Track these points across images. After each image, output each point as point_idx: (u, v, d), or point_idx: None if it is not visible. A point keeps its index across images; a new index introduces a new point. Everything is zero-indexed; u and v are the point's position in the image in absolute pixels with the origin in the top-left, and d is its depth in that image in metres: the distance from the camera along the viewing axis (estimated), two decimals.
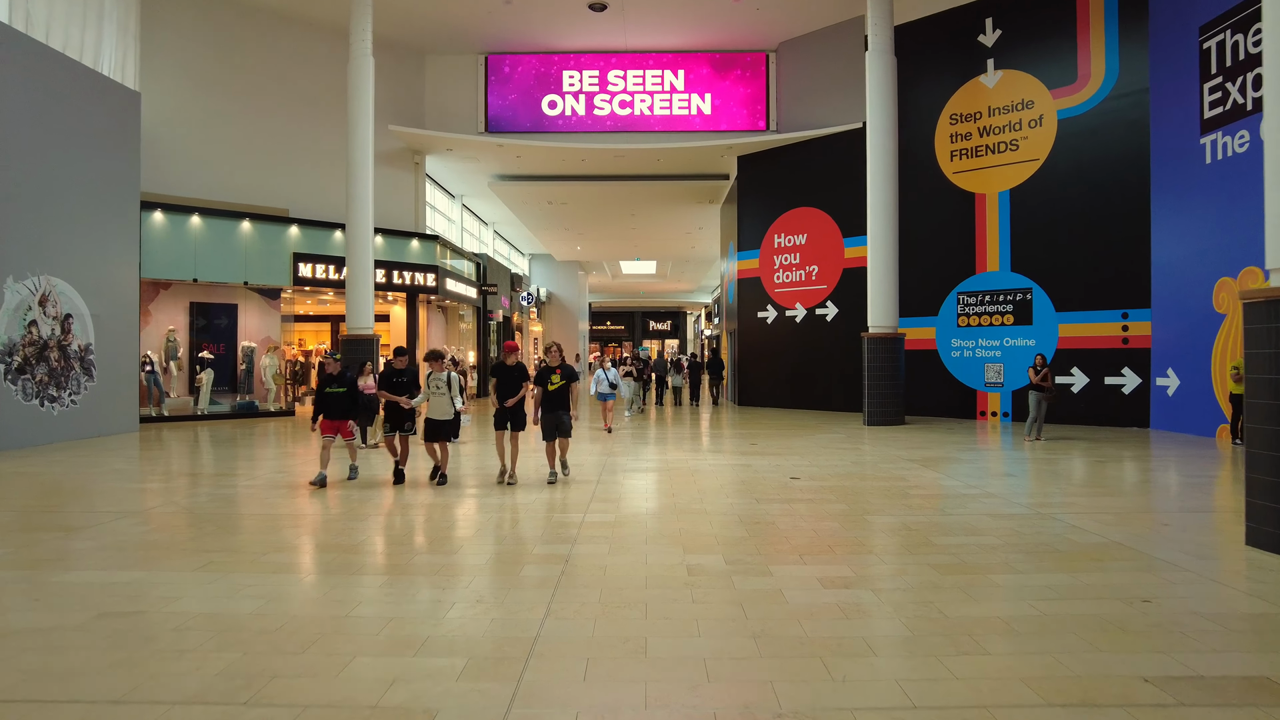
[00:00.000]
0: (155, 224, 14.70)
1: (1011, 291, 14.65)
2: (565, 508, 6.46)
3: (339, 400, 7.74)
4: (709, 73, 18.82)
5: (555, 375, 7.47)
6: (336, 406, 7.75)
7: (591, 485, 7.61)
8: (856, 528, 5.65)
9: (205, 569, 4.56)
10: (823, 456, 9.61)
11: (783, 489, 7.31)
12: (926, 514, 6.13)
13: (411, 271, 18.21)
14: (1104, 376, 13.58)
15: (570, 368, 7.57)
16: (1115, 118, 13.46)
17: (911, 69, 15.05)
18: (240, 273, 15.90)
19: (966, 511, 6.22)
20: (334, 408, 7.75)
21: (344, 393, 7.75)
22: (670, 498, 6.85)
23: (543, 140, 18.53)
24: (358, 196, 14.39)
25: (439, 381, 7.44)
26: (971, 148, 15.19)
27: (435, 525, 5.84)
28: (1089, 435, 12.11)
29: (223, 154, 16.22)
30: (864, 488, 7.37)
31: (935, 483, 7.67)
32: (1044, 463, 9.17)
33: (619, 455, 9.96)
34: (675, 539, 5.30)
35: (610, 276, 42.62)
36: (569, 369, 7.54)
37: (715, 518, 6.00)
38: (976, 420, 14.86)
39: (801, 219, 17.82)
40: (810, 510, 6.30)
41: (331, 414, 7.73)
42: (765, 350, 18.66)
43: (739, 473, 8.35)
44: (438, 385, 7.43)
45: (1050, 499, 6.77)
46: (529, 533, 5.55)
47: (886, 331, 14.02)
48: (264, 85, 16.81)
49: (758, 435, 12.24)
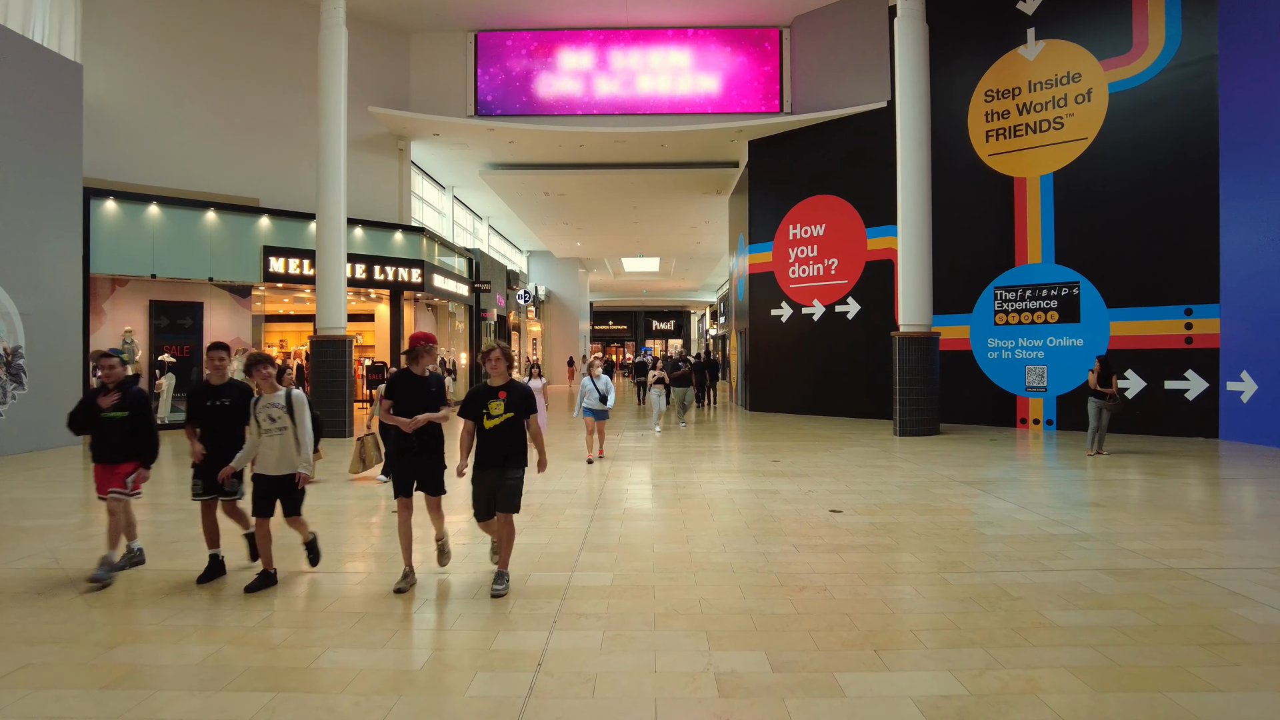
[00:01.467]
0: (108, 214, 13.29)
1: (1056, 286, 13.17)
2: (547, 560, 5.01)
3: (116, 430, 4.63)
4: (717, 50, 17.34)
5: (497, 401, 4.30)
6: (111, 441, 4.63)
7: (582, 522, 6.15)
8: (938, 595, 4.19)
9: None
10: (860, 478, 8.15)
11: (823, 527, 5.85)
12: (1020, 568, 4.67)
13: (395, 267, 16.78)
14: (1164, 380, 12.09)
15: (523, 389, 4.44)
16: (1177, 90, 11.97)
17: (940, 42, 13.54)
18: (205, 268, 14.48)
19: (1070, 563, 4.76)
20: (107, 443, 4.64)
21: (124, 419, 4.62)
22: (683, 544, 5.39)
23: (537, 124, 17.08)
24: (329, 182, 12.95)
25: (273, 410, 4.44)
26: (1009, 127, 13.70)
27: None
28: (1153, 447, 10.64)
29: (185, 137, 14.78)
30: (923, 525, 5.91)
31: (1008, 516, 6.21)
32: (1122, 484, 7.71)
33: (615, 478, 8.51)
34: (694, 618, 3.85)
35: (612, 275, 41.17)
36: (521, 391, 4.40)
37: (744, 577, 4.55)
38: (1017, 428, 13.38)
39: (819, 208, 16.34)
40: (867, 563, 4.85)
41: (106, 454, 4.65)
42: (779, 351, 17.18)
43: (764, 502, 6.90)
44: (271, 416, 4.43)
45: (1167, 541, 5.31)
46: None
47: (920, 330, 12.54)
48: (233, 62, 15.38)
49: (778, 449, 10.77)
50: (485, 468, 4.31)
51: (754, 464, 9.33)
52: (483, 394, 4.35)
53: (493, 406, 4.28)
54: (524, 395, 4.38)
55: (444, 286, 18.73)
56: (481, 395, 4.35)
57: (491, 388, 4.36)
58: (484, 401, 4.31)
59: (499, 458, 4.28)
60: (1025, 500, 6.91)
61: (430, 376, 4.58)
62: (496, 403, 4.29)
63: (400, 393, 4.49)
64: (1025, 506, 6.61)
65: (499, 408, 4.28)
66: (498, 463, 4.28)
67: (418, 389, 4.49)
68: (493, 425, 4.26)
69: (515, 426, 4.32)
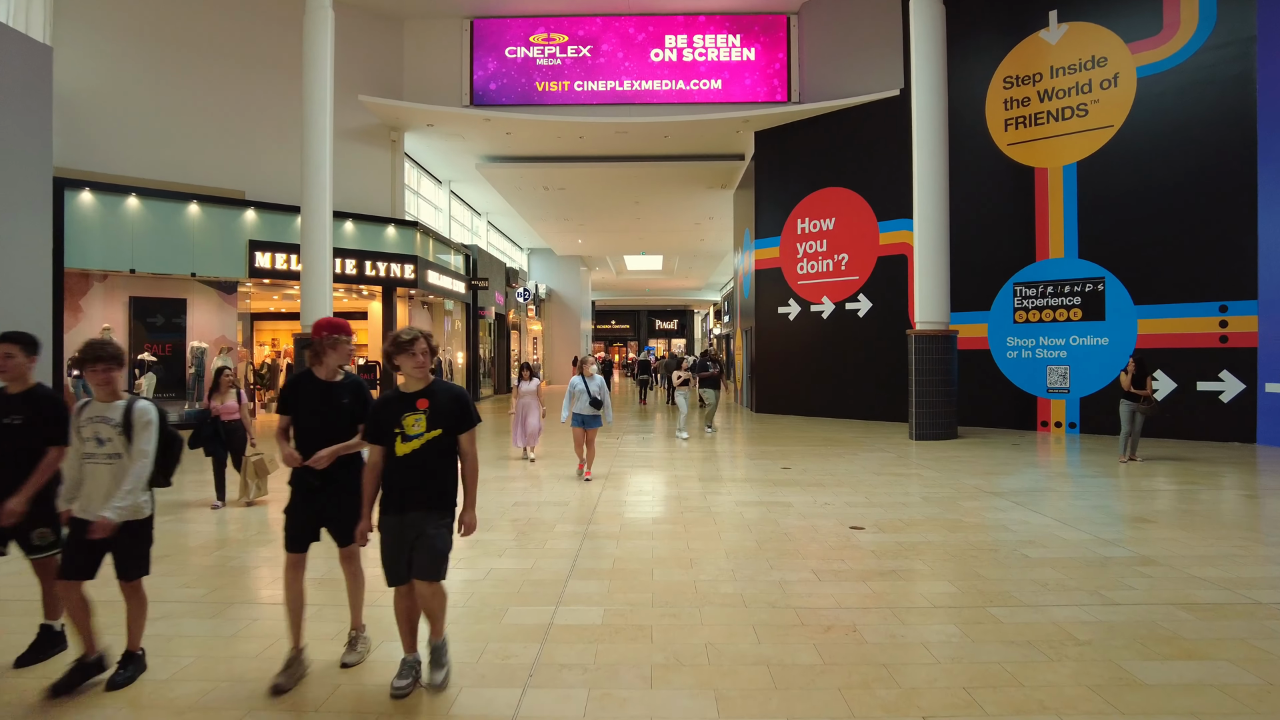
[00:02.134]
0: (83, 206, 12.67)
1: (1079, 281, 12.47)
2: (529, 589, 4.36)
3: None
4: (722, 37, 16.67)
5: (414, 415, 2.99)
6: None
7: (573, 541, 5.50)
8: (989, 637, 3.53)
9: None
10: (879, 489, 7.48)
11: (844, 548, 5.19)
12: (1078, 600, 4.01)
13: (387, 262, 16.14)
14: (1196, 382, 11.39)
15: (454, 393, 3.08)
16: (1210, 74, 11.27)
17: (956, 26, 12.82)
18: (188, 263, 13.86)
19: (1136, 595, 4.09)
20: None
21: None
22: (686, 569, 4.73)
23: (535, 114, 16.43)
24: (314, 171, 12.33)
25: (103, 427, 3.05)
26: (1030, 115, 13.01)
27: None
28: (1188, 452, 9.95)
29: (166, 126, 14.14)
30: (957, 545, 5.25)
31: (1050, 534, 5.54)
32: (1167, 495, 7.03)
33: (612, 488, 7.86)
34: (699, 671, 3.20)
35: (614, 273, 40.51)
36: (449, 397, 3.05)
37: (758, 612, 3.89)
38: (1038, 432, 12.69)
39: (829, 201, 15.66)
40: (899, 595, 4.18)
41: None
42: (786, 350, 16.51)
43: (776, 517, 6.23)
44: (100, 437, 3.05)
45: (1242, 568, 4.63)
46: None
47: (937, 328, 11.85)
48: (217, 46, 14.73)
49: (788, 454, 10.11)
50: (398, 511, 2.94)
51: (763, 471, 8.67)
52: (393, 405, 2.98)
53: (409, 423, 2.95)
54: (454, 403, 3.03)
55: (439, 283, 18.10)
56: (391, 407, 2.98)
57: (406, 395, 3.01)
58: (395, 415, 2.96)
59: (418, 497, 2.93)
60: (1064, 514, 6.24)
61: (344, 382, 3.26)
62: (414, 417, 2.95)
63: (298, 406, 3.20)
64: (1066, 522, 5.94)
65: (418, 424, 2.95)
66: (416, 503, 2.93)
67: (323, 401, 3.19)
68: (409, 450, 2.94)
69: (442, 451, 2.99)
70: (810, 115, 15.86)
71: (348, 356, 3.30)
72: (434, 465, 2.98)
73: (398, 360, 3.00)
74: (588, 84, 16.66)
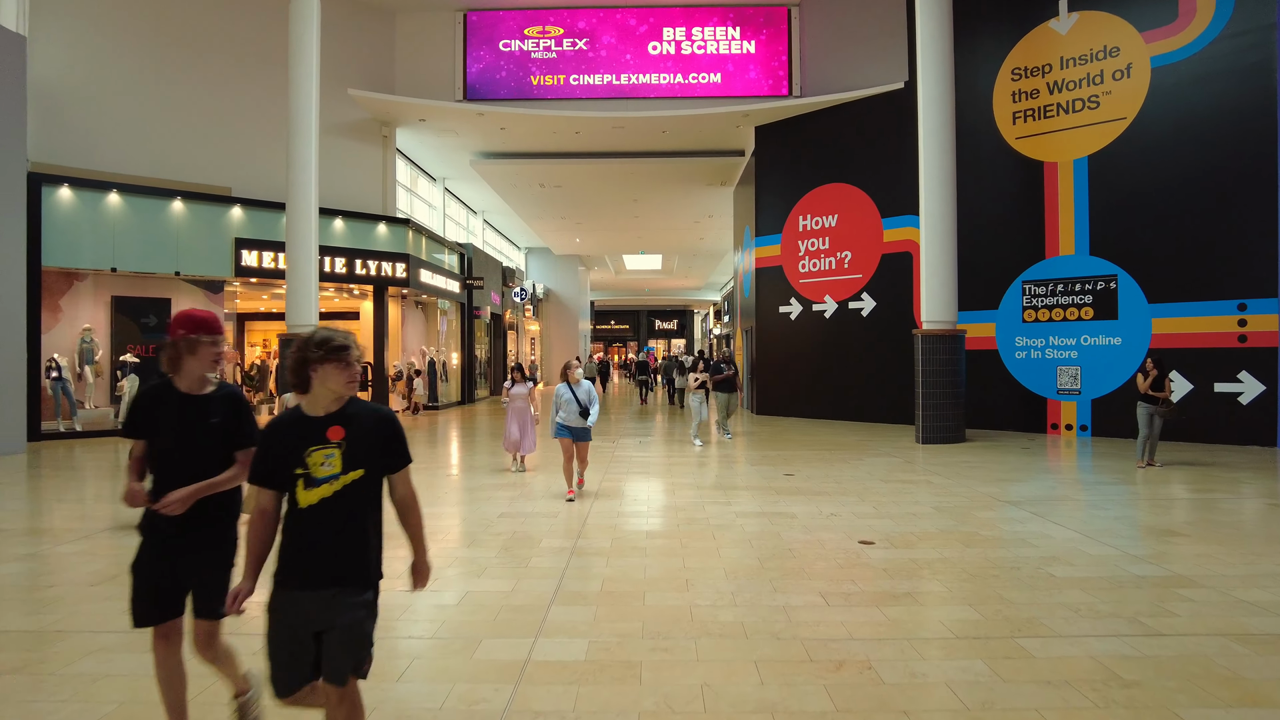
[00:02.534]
0: (62, 202, 12.27)
1: (1091, 279, 12.06)
2: (507, 616, 3.95)
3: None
4: (721, 30, 16.26)
5: (324, 448, 2.09)
6: None
7: (559, 558, 5.10)
8: (1021, 675, 3.12)
9: None
10: (887, 497, 7.07)
11: (854, 566, 4.78)
12: (1116, 629, 3.60)
13: (378, 260, 15.74)
14: (1213, 383, 10.98)
15: (379, 416, 2.19)
16: (1229, 63, 10.85)
17: (962, 16, 12.39)
18: (172, 261, 13.46)
19: (1180, 624, 3.68)
20: None
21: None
22: (681, 591, 4.33)
23: (530, 108, 16.02)
24: (299, 164, 11.96)
25: None
26: (1039, 107, 12.60)
27: None
28: (1207, 456, 9.55)
29: (149, 121, 13.73)
30: (975, 563, 4.84)
31: (1074, 549, 5.13)
32: (1194, 505, 6.63)
33: (605, 497, 7.45)
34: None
35: (613, 273, 40.12)
36: (374, 421, 2.17)
37: (761, 645, 3.49)
38: (1048, 435, 12.28)
39: (831, 197, 15.25)
40: (916, 622, 3.78)
41: None
42: (787, 350, 16.10)
43: (779, 529, 5.83)
44: None
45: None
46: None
47: (944, 328, 11.45)
48: (202, 38, 14.32)
49: (790, 459, 9.70)
50: (298, 586, 2.07)
51: (764, 478, 8.26)
52: (292, 433, 2.10)
53: (316, 460, 2.07)
54: (380, 430, 2.16)
55: (432, 282, 17.70)
56: (290, 436, 2.10)
57: (311, 419, 2.11)
58: (296, 449, 2.08)
59: (328, 567, 2.07)
60: (1087, 526, 5.83)
61: (215, 395, 2.47)
62: (324, 452, 2.08)
63: (157, 425, 2.41)
64: (1090, 535, 5.53)
65: (330, 462, 2.07)
66: (324, 577, 2.07)
67: (184, 420, 2.41)
68: (317, 499, 2.07)
69: (364, 500, 2.11)
70: (812, 109, 15.45)
71: (214, 362, 2.48)
72: (352, 522, 2.08)
73: (321, 371, 2.09)
74: (584, 78, 16.26)
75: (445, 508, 6.81)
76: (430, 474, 8.73)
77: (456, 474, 8.88)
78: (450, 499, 7.23)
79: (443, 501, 7.09)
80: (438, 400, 18.83)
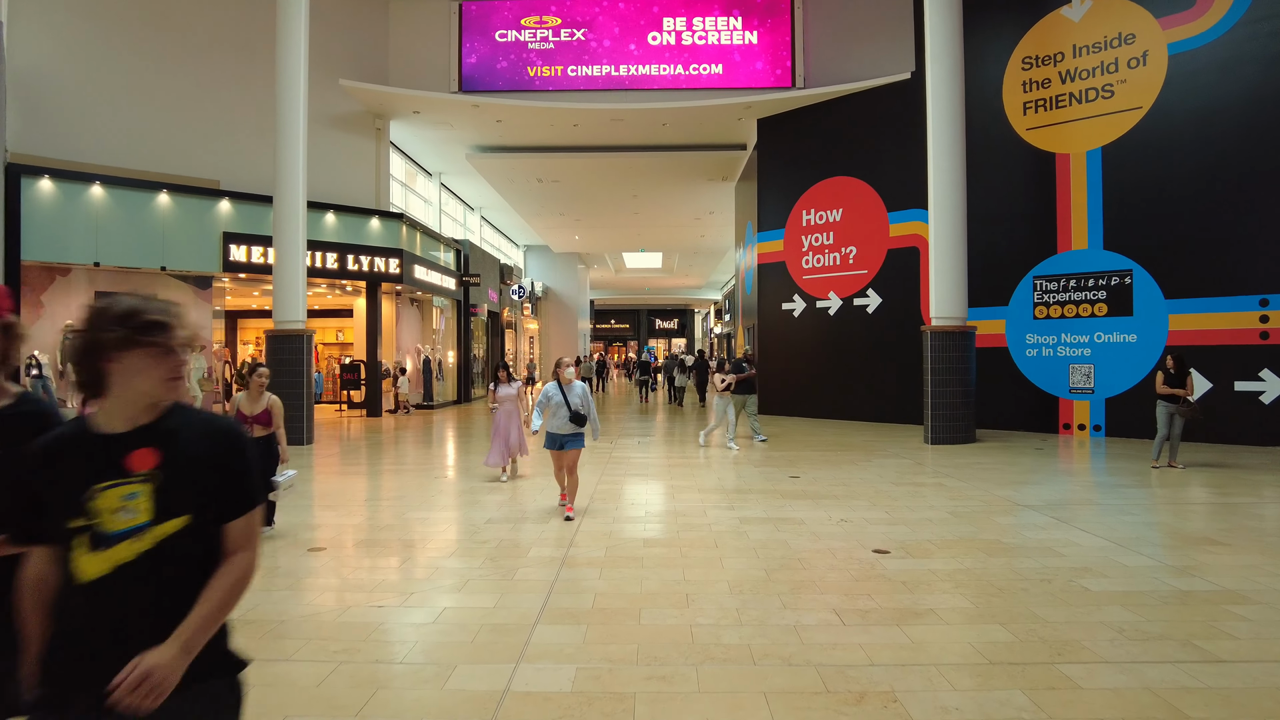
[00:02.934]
0: (42, 194, 11.87)
1: (1105, 275, 11.67)
2: (486, 637, 3.55)
3: None
4: (723, 20, 15.87)
5: (125, 487, 1.35)
6: None
7: (548, 569, 4.70)
8: (1069, 709, 2.74)
9: None
10: (900, 501, 6.68)
11: (869, 579, 4.39)
12: (1169, 655, 3.21)
13: (371, 256, 15.34)
14: (1233, 381, 10.58)
15: (227, 435, 1.46)
16: (1249, 50, 10.46)
17: (970, 5, 11.98)
18: (157, 256, 13.07)
19: (1240, 647, 3.29)
20: None
21: None
22: (681, 608, 3.93)
23: (527, 100, 15.62)
24: (287, 155, 11.56)
25: None
26: (1051, 97, 12.20)
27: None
28: (1229, 458, 9.15)
29: (134, 111, 13.32)
30: (1001, 574, 4.45)
31: (1107, 559, 4.74)
32: (1227, 511, 6.23)
33: (601, 499, 7.05)
34: None
35: (613, 271, 39.72)
36: (220, 436, 1.46)
37: (770, 673, 3.10)
38: (1060, 435, 11.88)
39: (836, 191, 14.85)
40: (943, 644, 3.39)
41: None
42: (791, 348, 15.70)
43: (786, 537, 5.43)
44: None
45: None
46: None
47: (954, 324, 11.05)
48: (190, 25, 13.90)
49: (795, 461, 9.30)
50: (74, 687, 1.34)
51: (768, 480, 7.87)
52: (69, 461, 1.39)
53: (108, 503, 1.35)
54: (215, 454, 1.45)
55: (427, 279, 17.30)
56: (66, 466, 1.39)
57: (106, 438, 1.40)
58: (75, 487, 1.36)
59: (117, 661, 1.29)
60: (1115, 533, 5.43)
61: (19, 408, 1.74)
62: (123, 490, 1.36)
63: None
64: (1121, 544, 5.14)
65: (132, 506, 1.36)
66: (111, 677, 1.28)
67: None
68: (110, 569, 1.34)
69: (189, 565, 1.40)
70: (816, 101, 15.05)
71: (9, 353, 1.76)
72: (169, 596, 1.37)
73: (123, 362, 1.37)
74: (582, 69, 15.86)
75: (430, 513, 6.42)
76: (417, 476, 8.34)
77: (446, 476, 8.49)
78: (436, 503, 6.85)
79: (428, 506, 6.71)
80: (433, 399, 18.44)
